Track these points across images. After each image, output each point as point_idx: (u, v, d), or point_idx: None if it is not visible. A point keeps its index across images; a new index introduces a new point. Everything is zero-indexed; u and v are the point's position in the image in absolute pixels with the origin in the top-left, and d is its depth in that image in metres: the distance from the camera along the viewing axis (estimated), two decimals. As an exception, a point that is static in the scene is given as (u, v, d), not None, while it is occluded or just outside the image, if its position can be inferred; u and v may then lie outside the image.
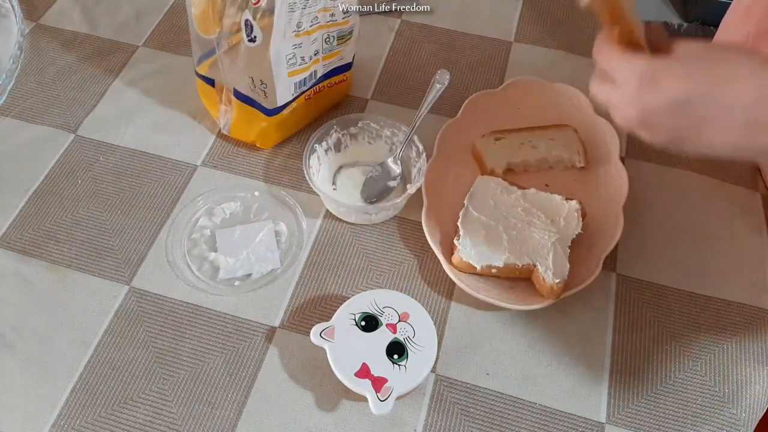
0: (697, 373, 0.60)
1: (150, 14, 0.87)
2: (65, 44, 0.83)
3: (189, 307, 0.62)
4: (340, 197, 0.69)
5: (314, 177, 0.68)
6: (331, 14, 0.65)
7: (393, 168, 0.70)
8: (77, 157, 0.73)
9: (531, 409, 0.58)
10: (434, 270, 0.65)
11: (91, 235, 0.67)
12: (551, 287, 0.60)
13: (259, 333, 0.61)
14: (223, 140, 0.74)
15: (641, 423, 0.57)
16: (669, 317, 0.63)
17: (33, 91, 0.78)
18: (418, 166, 0.68)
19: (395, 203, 0.66)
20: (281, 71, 0.65)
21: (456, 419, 0.57)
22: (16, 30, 0.80)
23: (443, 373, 0.59)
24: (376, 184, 0.70)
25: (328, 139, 0.70)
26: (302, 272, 0.65)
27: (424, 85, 0.79)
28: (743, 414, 0.58)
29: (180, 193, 0.70)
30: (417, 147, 0.69)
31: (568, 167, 0.71)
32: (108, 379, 0.58)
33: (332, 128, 0.70)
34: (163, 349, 0.60)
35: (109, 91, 0.78)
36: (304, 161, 0.67)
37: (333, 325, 0.58)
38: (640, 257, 0.66)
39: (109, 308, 0.62)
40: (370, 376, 0.55)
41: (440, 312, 0.63)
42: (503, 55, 0.84)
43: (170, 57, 0.82)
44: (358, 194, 0.69)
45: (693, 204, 0.71)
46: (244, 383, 0.58)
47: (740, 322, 0.63)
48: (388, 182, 0.70)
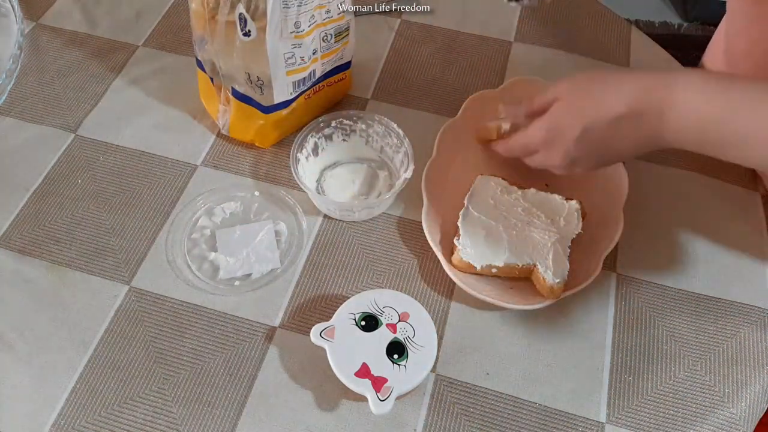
0: (697, 373, 0.60)
1: (150, 14, 0.87)
2: (65, 44, 0.83)
3: (189, 306, 0.62)
4: (336, 197, 0.69)
5: (307, 181, 0.68)
6: (327, 11, 0.65)
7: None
8: (77, 157, 0.73)
9: (531, 409, 0.58)
10: (434, 270, 0.65)
11: (91, 235, 0.67)
12: (551, 287, 0.60)
13: (259, 333, 0.61)
14: (223, 140, 0.74)
15: (641, 423, 0.57)
16: (669, 317, 0.63)
17: (33, 91, 0.78)
18: (402, 152, 0.68)
19: (384, 198, 0.67)
20: (279, 70, 0.65)
21: (456, 419, 0.57)
22: (15, 30, 0.80)
23: (443, 372, 0.59)
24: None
25: (306, 145, 0.69)
26: (302, 272, 0.65)
27: (425, 85, 0.79)
28: (743, 414, 0.58)
29: (180, 192, 0.70)
30: (397, 133, 0.69)
31: None
32: (108, 378, 0.58)
33: (308, 135, 0.70)
34: (163, 348, 0.60)
35: (109, 91, 0.79)
36: (293, 171, 0.66)
37: (333, 324, 0.58)
38: (640, 257, 0.66)
39: (109, 308, 0.62)
40: (370, 375, 0.55)
41: (440, 312, 0.63)
42: (503, 55, 0.84)
43: (170, 57, 0.82)
44: (347, 193, 0.70)
45: (693, 204, 0.71)
46: (244, 383, 0.58)
47: (740, 322, 0.63)
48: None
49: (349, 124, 0.71)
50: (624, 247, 0.66)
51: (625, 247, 0.66)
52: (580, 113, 0.56)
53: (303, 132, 0.69)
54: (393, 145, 0.70)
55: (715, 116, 0.51)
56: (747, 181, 0.72)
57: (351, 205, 0.68)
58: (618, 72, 0.69)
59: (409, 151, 0.67)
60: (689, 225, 0.69)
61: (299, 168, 0.67)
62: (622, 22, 0.88)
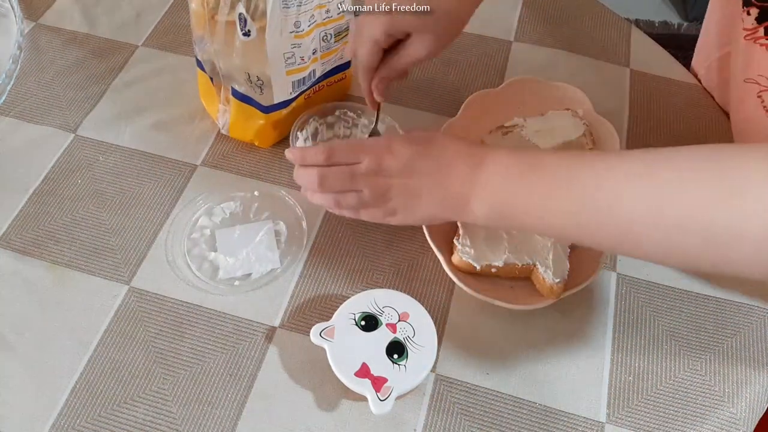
0: (697, 372, 0.60)
1: (150, 14, 0.87)
2: (65, 44, 0.83)
3: (189, 306, 0.62)
4: None
5: None
6: (327, 10, 0.65)
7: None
8: (77, 157, 0.73)
9: (531, 409, 0.58)
10: (434, 270, 0.65)
11: (91, 235, 0.67)
12: (551, 287, 0.60)
13: (259, 333, 0.61)
14: (223, 140, 0.74)
15: (641, 423, 0.57)
16: (669, 317, 0.63)
17: (33, 91, 0.78)
18: None
19: None
20: (279, 69, 0.65)
21: (456, 419, 0.57)
22: (15, 30, 0.80)
23: (443, 372, 0.59)
24: None
25: (308, 127, 0.70)
26: (302, 272, 0.65)
27: (425, 85, 0.79)
28: (743, 413, 0.58)
29: (180, 192, 0.70)
30: (398, 133, 0.68)
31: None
32: (108, 378, 0.58)
33: (310, 117, 0.70)
34: (163, 348, 0.60)
35: (109, 90, 0.78)
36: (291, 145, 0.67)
37: (333, 324, 0.58)
38: (640, 257, 0.66)
39: (109, 308, 0.62)
40: (370, 375, 0.55)
41: (440, 312, 0.63)
42: (503, 55, 0.84)
43: (170, 57, 0.82)
44: None
45: (693, 204, 0.71)
46: (244, 383, 0.58)
47: (740, 321, 0.63)
48: None
49: (352, 116, 0.71)
50: (624, 247, 0.66)
51: (625, 246, 0.66)
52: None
53: (305, 115, 0.69)
54: None
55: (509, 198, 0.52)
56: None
57: None
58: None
59: None
60: (689, 225, 0.69)
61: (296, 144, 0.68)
62: (622, 22, 0.88)
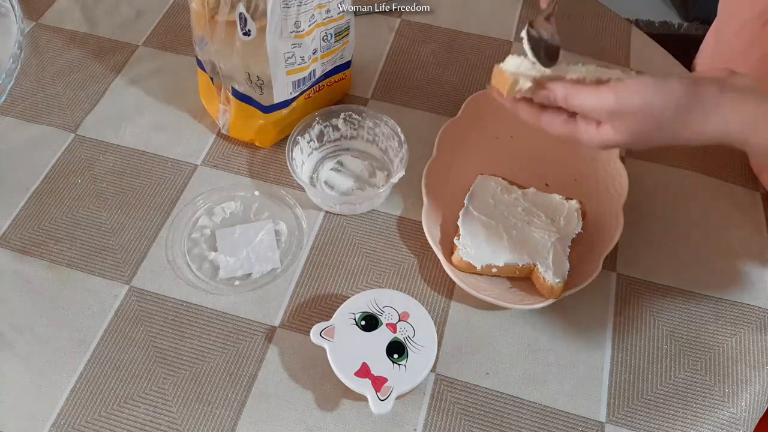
0: (697, 373, 0.60)
1: (150, 14, 0.87)
2: (65, 43, 0.83)
3: (189, 306, 0.62)
4: (323, 188, 0.70)
5: (298, 169, 0.68)
6: (327, 10, 0.65)
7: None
8: (77, 157, 0.73)
9: (531, 409, 0.58)
10: (434, 270, 0.65)
11: (91, 235, 0.67)
12: (551, 287, 0.60)
13: (259, 332, 0.61)
14: (223, 139, 0.74)
15: (641, 423, 0.57)
16: (669, 317, 0.63)
17: (33, 91, 0.78)
18: (400, 156, 0.68)
19: (378, 193, 0.67)
20: (279, 69, 0.65)
21: (456, 419, 0.57)
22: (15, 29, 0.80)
23: (443, 372, 0.59)
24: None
25: (311, 131, 0.70)
26: (302, 272, 0.65)
27: (425, 85, 0.79)
28: (743, 414, 0.58)
29: (180, 192, 0.70)
30: (399, 137, 0.69)
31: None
32: (108, 378, 0.58)
33: (314, 120, 0.70)
34: (164, 348, 0.60)
35: (109, 90, 0.79)
36: (287, 153, 0.67)
37: (333, 324, 0.58)
38: (640, 257, 0.66)
39: (109, 308, 0.62)
40: (370, 375, 0.55)
41: (440, 312, 0.63)
42: (503, 55, 0.83)
43: (170, 57, 0.82)
44: (344, 185, 0.70)
45: (693, 204, 0.71)
46: (244, 383, 0.58)
47: (740, 321, 0.63)
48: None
49: (357, 119, 0.71)
50: (624, 247, 0.66)
51: (625, 247, 0.66)
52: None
53: (308, 119, 0.70)
54: (394, 149, 0.70)
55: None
56: (748, 180, 0.72)
57: (349, 198, 0.69)
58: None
59: (405, 157, 0.67)
60: (689, 225, 0.69)
61: (294, 151, 0.68)
62: (622, 22, 0.88)
